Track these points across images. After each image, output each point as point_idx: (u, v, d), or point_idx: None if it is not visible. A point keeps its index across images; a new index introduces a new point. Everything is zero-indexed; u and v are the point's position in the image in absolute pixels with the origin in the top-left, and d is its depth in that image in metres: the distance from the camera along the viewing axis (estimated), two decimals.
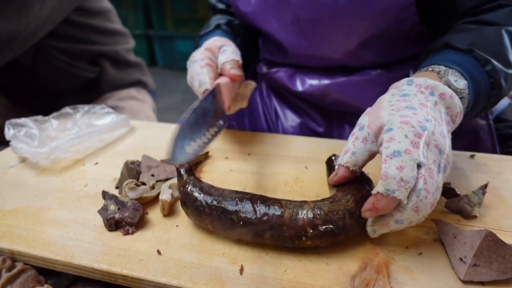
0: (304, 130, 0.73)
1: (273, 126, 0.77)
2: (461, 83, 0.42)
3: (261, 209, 0.37)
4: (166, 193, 0.44)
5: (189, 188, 0.41)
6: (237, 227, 0.37)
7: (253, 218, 0.37)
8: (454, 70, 0.43)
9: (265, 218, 0.37)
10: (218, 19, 0.73)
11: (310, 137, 0.63)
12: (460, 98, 0.41)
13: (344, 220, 0.36)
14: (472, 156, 0.56)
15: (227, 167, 0.55)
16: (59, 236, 0.42)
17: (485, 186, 0.44)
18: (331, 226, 0.36)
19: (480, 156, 0.56)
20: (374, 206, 0.34)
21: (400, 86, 0.41)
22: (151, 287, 0.36)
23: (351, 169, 0.40)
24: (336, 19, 0.58)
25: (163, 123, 0.72)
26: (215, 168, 0.55)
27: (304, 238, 0.36)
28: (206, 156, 0.58)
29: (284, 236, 0.36)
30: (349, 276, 0.35)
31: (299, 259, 0.37)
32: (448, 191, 0.45)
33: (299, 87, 0.70)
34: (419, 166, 0.34)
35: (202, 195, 0.40)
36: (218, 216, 0.38)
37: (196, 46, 0.69)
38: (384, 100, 0.40)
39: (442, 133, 0.37)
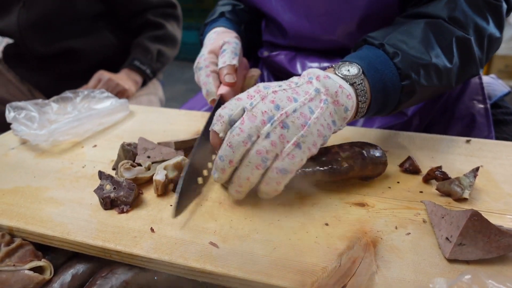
0: None
1: None
2: (353, 70, 0.44)
3: None
4: (160, 174, 0.45)
5: None
6: None
7: None
8: (347, 63, 0.45)
9: None
10: (223, 5, 0.74)
11: None
12: (352, 84, 0.43)
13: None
14: (468, 141, 0.56)
15: None
16: (56, 214, 0.43)
17: (477, 169, 0.44)
18: (357, 148, 0.44)
19: (475, 141, 0.56)
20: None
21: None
22: (143, 263, 0.37)
23: None
24: None
25: (161, 108, 0.73)
26: None
27: (339, 159, 0.43)
28: None
29: (321, 161, 0.43)
30: (336, 254, 0.36)
31: (288, 237, 0.38)
32: (439, 174, 0.45)
33: (299, 70, 0.71)
34: (244, 111, 0.39)
35: None
36: None
37: (202, 34, 0.71)
38: None
39: (289, 97, 0.40)
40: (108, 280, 0.37)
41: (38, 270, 0.38)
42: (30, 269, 0.38)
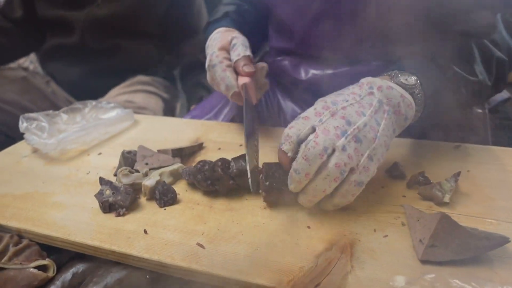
0: None
1: (275, 120, 0.79)
2: (411, 80, 0.46)
3: None
4: (151, 179, 0.48)
5: None
6: None
7: None
8: (402, 72, 0.47)
9: None
10: (227, 4, 0.76)
11: None
12: (411, 94, 0.45)
13: None
14: (457, 147, 0.57)
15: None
16: (60, 217, 0.46)
17: (458, 174, 0.45)
18: None
19: (465, 146, 0.57)
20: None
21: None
22: (136, 262, 0.40)
23: None
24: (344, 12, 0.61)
25: (164, 117, 0.76)
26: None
27: None
28: (200, 147, 0.61)
29: None
30: (314, 255, 0.38)
31: (271, 239, 0.40)
32: (422, 179, 0.47)
33: (302, 75, 0.72)
34: (314, 129, 0.41)
35: None
36: None
37: (205, 32, 0.72)
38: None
39: (358, 112, 0.42)
40: (104, 278, 0.40)
41: (43, 268, 0.42)
42: (35, 267, 0.41)
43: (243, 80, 0.58)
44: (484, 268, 0.35)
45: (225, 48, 0.61)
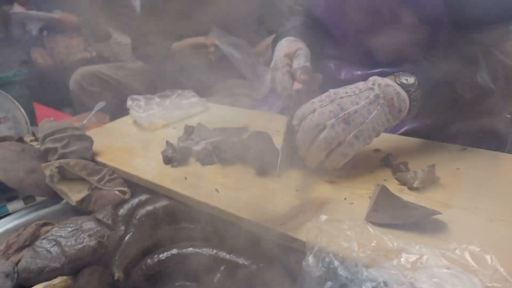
0: None
1: None
2: (411, 80, 0.56)
3: None
4: (198, 146, 0.67)
5: None
6: None
7: None
8: (405, 73, 0.57)
9: None
10: (294, 20, 0.89)
11: None
12: (407, 91, 0.56)
13: None
14: (463, 149, 0.62)
15: None
16: (138, 163, 0.69)
17: (433, 165, 0.53)
18: None
19: (470, 150, 0.61)
20: None
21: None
22: (175, 196, 0.59)
23: None
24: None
25: (228, 106, 0.96)
26: None
27: None
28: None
29: None
30: (290, 208, 0.51)
31: (266, 194, 0.55)
32: (402, 168, 0.55)
33: (342, 76, 0.84)
34: (315, 110, 0.54)
35: None
36: None
37: (274, 43, 0.88)
38: None
39: (353, 101, 0.54)
40: (155, 203, 0.60)
41: (122, 193, 0.64)
42: (118, 191, 0.64)
43: (297, 85, 0.68)
44: (414, 233, 0.44)
45: (289, 56, 0.70)
